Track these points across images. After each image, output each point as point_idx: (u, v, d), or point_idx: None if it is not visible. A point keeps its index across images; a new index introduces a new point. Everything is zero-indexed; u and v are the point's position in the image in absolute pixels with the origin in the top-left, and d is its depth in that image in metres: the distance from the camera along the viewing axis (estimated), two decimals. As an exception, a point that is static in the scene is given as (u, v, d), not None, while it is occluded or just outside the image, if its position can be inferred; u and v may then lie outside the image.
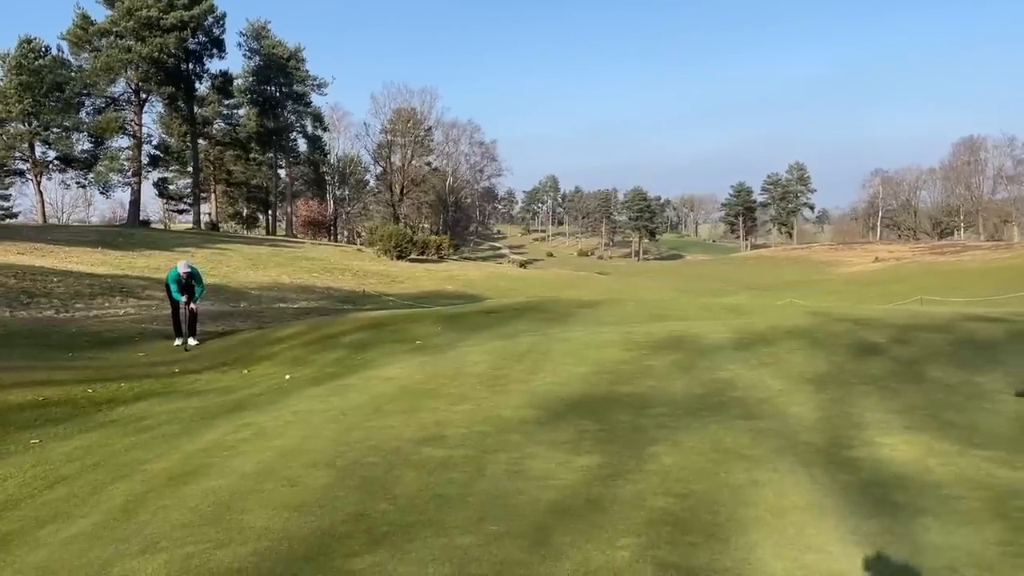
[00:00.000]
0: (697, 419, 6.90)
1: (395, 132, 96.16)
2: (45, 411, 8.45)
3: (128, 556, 4.37)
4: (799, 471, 5.40)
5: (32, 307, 18.37)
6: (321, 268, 42.64)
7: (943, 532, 4.29)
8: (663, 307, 16.98)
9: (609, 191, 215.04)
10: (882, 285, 56.97)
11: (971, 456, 5.60)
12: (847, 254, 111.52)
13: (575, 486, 5.22)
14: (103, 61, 62.48)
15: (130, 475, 6.05)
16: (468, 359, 10.45)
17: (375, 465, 5.86)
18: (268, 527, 4.67)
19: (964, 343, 10.12)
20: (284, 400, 8.77)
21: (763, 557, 4.04)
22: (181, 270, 14.51)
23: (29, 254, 30.13)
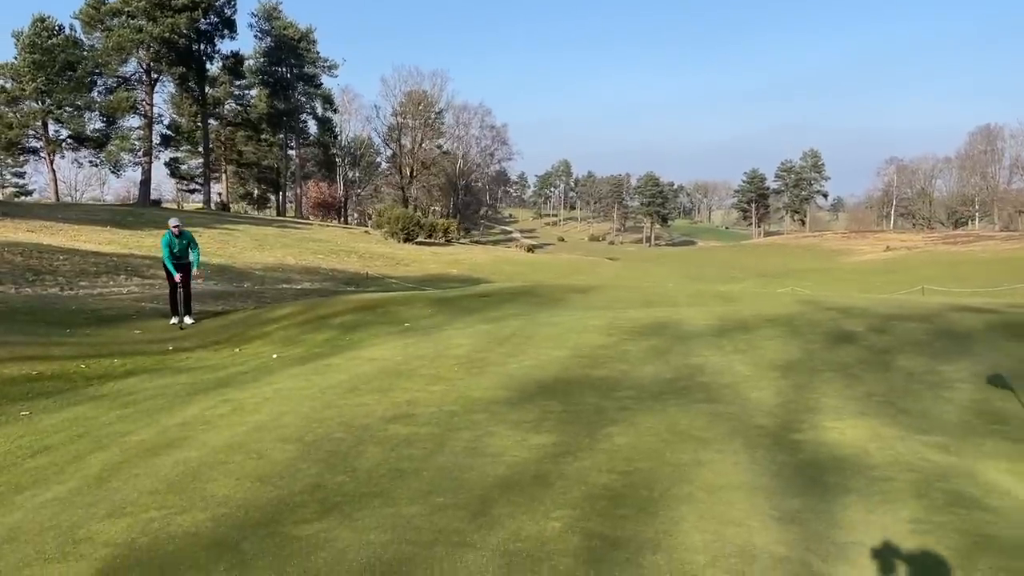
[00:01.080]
0: (659, 402, 7.13)
1: (406, 115, 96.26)
2: (38, 384, 8.77)
3: (95, 519, 4.65)
4: (742, 452, 5.62)
5: (37, 284, 18.74)
6: (327, 250, 42.98)
7: (863, 510, 4.51)
8: (654, 294, 17.16)
9: (622, 176, 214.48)
10: (889, 274, 56.83)
11: (912, 441, 5.81)
12: (859, 242, 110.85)
13: (525, 463, 5.46)
14: (115, 41, 62.85)
15: (109, 446, 6.34)
16: (452, 341, 10.70)
17: (341, 440, 6.13)
18: (229, 496, 4.95)
19: (941, 333, 10.26)
20: (267, 378, 9.05)
21: (685, 530, 4.28)
22: (171, 225, 14.51)
23: (39, 232, 30.56)
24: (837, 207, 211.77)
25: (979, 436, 5.90)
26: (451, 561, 3.95)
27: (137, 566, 3.99)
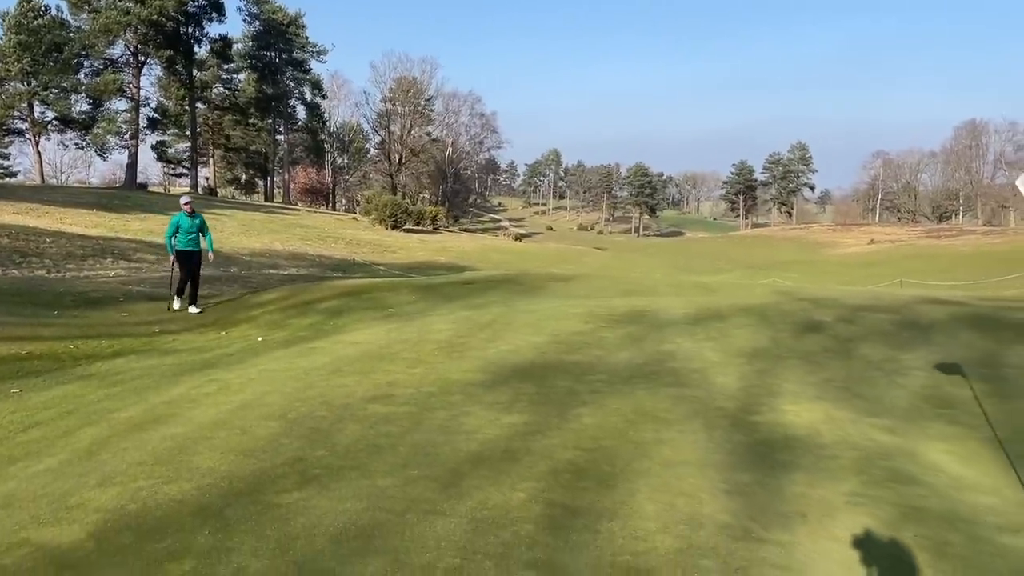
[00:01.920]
0: (629, 385, 7.44)
1: (395, 101, 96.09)
2: (27, 364, 8.99)
3: (86, 488, 4.93)
4: (701, 432, 5.95)
5: (24, 267, 18.88)
6: (315, 236, 43.11)
7: (806, 484, 4.85)
8: (635, 283, 17.48)
9: (611, 166, 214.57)
10: (872, 267, 57.48)
11: (862, 423, 6.15)
12: (844, 235, 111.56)
13: (496, 440, 5.77)
14: (102, 23, 62.42)
15: (98, 422, 6.60)
16: (433, 327, 10.99)
17: (322, 418, 6.42)
18: (214, 468, 5.23)
19: (905, 323, 10.63)
20: (252, 360, 9.32)
21: (640, 500, 4.60)
22: (182, 203, 13.33)
23: (25, 214, 30.58)
24: (824, 200, 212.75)
25: (926, 419, 6.25)
26: (421, 527, 4.26)
27: (127, 529, 4.26)
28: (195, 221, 13.25)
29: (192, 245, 13.27)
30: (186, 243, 13.19)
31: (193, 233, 13.21)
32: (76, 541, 4.13)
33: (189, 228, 13.14)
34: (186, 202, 13.27)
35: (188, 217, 13.11)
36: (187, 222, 13.11)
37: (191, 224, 13.15)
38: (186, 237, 13.18)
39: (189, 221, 13.12)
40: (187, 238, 13.19)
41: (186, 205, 13.17)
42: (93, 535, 4.20)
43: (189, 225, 13.13)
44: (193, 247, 13.30)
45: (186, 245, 13.20)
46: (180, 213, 13.16)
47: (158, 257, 25.07)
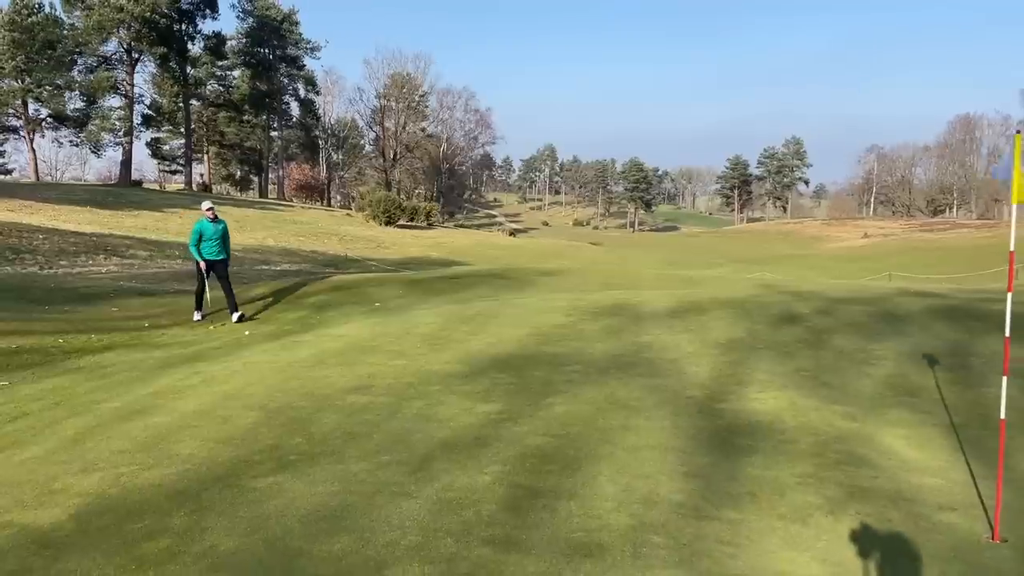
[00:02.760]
0: (604, 375, 7.64)
1: (389, 97, 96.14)
2: (17, 357, 9.17)
3: (70, 474, 5.12)
4: (668, 419, 6.15)
5: (16, 263, 19.02)
6: (308, 232, 43.27)
7: (762, 467, 5.05)
8: (622, 277, 17.69)
9: (606, 161, 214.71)
10: (862, 260, 57.73)
11: (824, 411, 6.35)
12: (838, 229, 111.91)
13: (469, 427, 5.97)
14: (95, 20, 62.37)
15: (85, 413, 6.79)
16: (419, 320, 11.17)
17: (302, 408, 6.61)
18: (193, 454, 5.42)
19: (882, 315, 10.83)
20: (239, 353, 9.50)
21: (601, 482, 4.80)
22: (204, 208, 12.61)
23: (18, 211, 30.69)
24: (820, 194, 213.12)
25: (887, 407, 6.45)
26: (389, 507, 4.45)
27: (107, 512, 4.46)
28: (219, 227, 12.63)
29: (216, 253, 12.64)
30: (209, 251, 12.56)
31: (216, 240, 12.60)
32: (57, 523, 4.32)
33: (213, 235, 12.54)
34: (208, 207, 12.61)
35: (211, 223, 12.51)
36: (211, 229, 12.51)
37: (215, 230, 12.55)
38: (210, 245, 12.56)
39: (212, 227, 12.52)
40: (211, 245, 12.58)
41: (208, 211, 12.51)
42: (74, 517, 4.39)
43: (212, 231, 12.53)
44: (216, 255, 12.65)
45: (212, 254, 12.58)
46: (203, 219, 12.55)
47: (151, 253, 25.24)
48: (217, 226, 12.58)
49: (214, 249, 12.55)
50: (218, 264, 12.62)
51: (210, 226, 12.48)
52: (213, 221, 12.51)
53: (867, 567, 3.72)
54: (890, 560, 3.78)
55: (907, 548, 3.90)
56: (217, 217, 12.60)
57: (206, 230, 12.44)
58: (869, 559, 3.79)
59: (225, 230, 12.76)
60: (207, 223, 12.44)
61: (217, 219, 12.60)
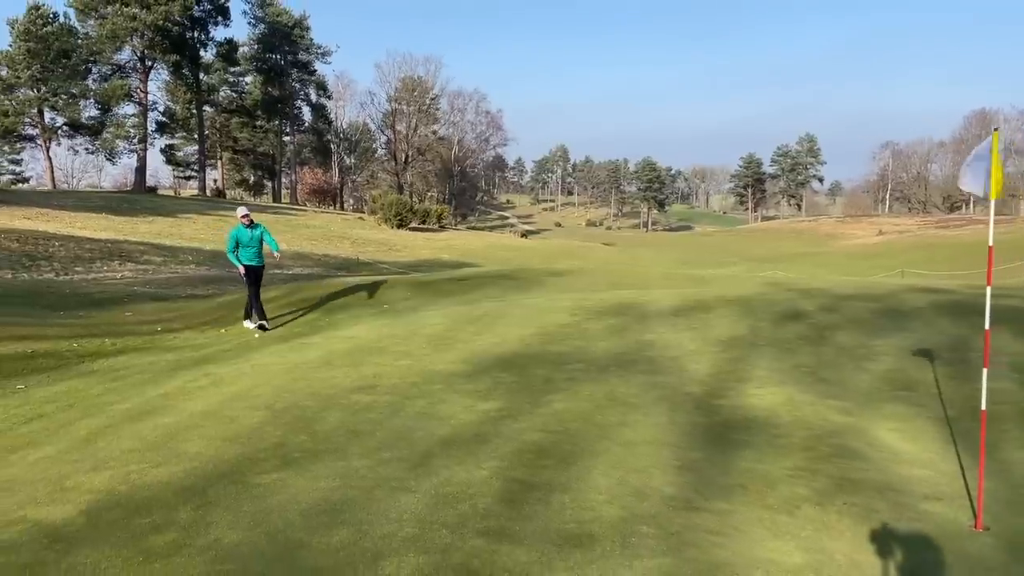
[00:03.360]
0: (605, 373, 7.75)
1: (400, 100, 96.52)
2: (33, 362, 9.37)
3: (81, 472, 5.28)
4: (665, 415, 6.26)
5: (33, 270, 19.32)
6: (320, 236, 43.55)
7: (754, 460, 5.15)
8: (628, 277, 17.77)
9: (619, 161, 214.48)
10: (876, 258, 57.44)
11: (820, 405, 6.44)
12: (853, 227, 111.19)
13: (469, 425, 6.10)
14: (109, 28, 63.04)
15: (97, 414, 6.96)
16: (426, 321, 11.31)
17: (308, 407, 6.76)
18: (200, 452, 5.57)
19: (886, 311, 10.88)
20: (248, 355, 9.67)
21: (594, 476, 4.91)
22: (239, 215, 12.25)
23: (35, 219, 31.11)
24: (835, 191, 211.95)
25: (882, 401, 6.53)
26: (388, 501, 4.59)
27: (116, 507, 4.61)
28: (255, 232, 12.28)
29: (256, 259, 12.35)
30: (249, 257, 12.25)
31: (255, 246, 12.29)
32: (68, 518, 4.48)
33: (249, 241, 12.22)
34: (243, 214, 12.23)
35: (247, 229, 12.19)
36: (247, 235, 12.19)
37: (251, 236, 12.22)
38: (248, 251, 12.25)
39: (249, 233, 12.19)
40: (250, 252, 12.26)
41: (243, 217, 12.15)
42: (84, 512, 4.55)
43: (249, 238, 12.21)
44: (257, 261, 12.36)
45: (250, 259, 12.26)
46: (238, 226, 12.24)
47: (164, 259, 25.53)
48: (253, 232, 12.30)
49: (252, 255, 12.30)
50: (258, 269, 12.39)
51: (246, 232, 12.22)
52: (249, 227, 12.23)
53: (850, 555, 3.81)
54: (873, 548, 3.88)
55: (891, 537, 3.99)
56: (253, 223, 12.34)
57: (242, 236, 12.21)
58: (852, 547, 3.88)
59: (262, 235, 12.46)
60: (243, 229, 12.20)
61: (253, 224, 12.33)
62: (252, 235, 12.23)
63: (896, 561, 3.74)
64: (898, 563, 3.72)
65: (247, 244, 12.22)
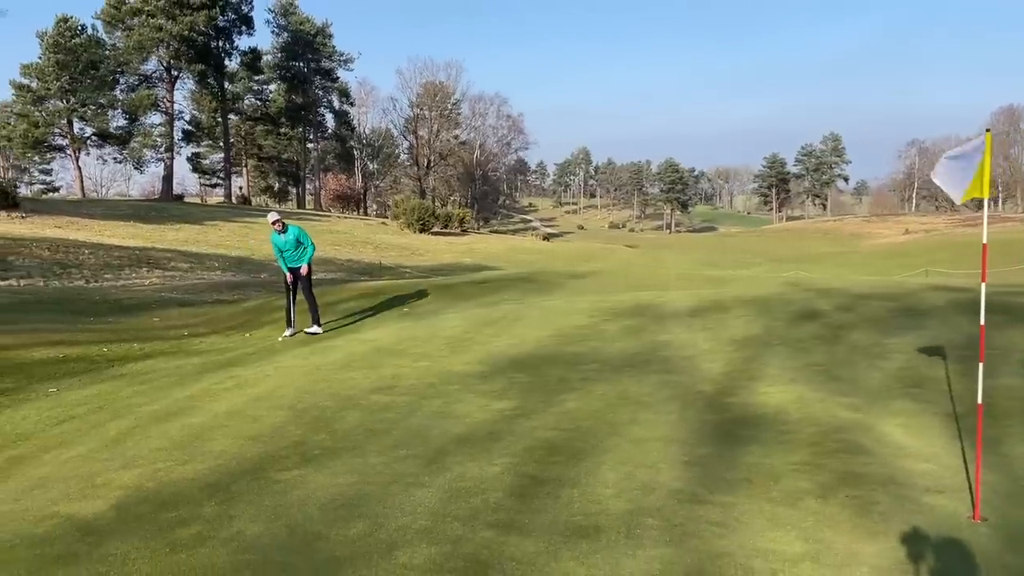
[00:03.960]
0: (618, 373, 7.88)
1: (422, 106, 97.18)
2: (64, 366, 9.68)
3: (111, 470, 5.51)
4: (676, 412, 6.38)
5: (63, 277, 19.79)
6: (344, 241, 44.03)
7: (760, 455, 5.26)
8: (647, 278, 17.87)
9: (641, 163, 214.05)
10: (901, 257, 56.94)
11: (830, 402, 6.52)
12: (878, 226, 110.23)
13: (483, 423, 6.26)
14: (135, 40, 64.25)
15: (126, 415, 7.21)
16: (445, 324, 11.50)
17: (328, 408, 6.96)
18: (224, 451, 5.79)
19: (903, 310, 10.90)
20: (272, 358, 9.91)
21: (603, 471, 5.05)
22: (270, 221, 12.32)
23: (65, 228, 31.77)
24: (861, 190, 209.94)
25: (892, 398, 6.59)
26: (402, 496, 4.76)
27: (144, 502, 4.83)
28: (288, 237, 12.19)
29: (295, 261, 12.27)
30: (288, 260, 12.27)
31: (290, 249, 12.24)
32: (99, 513, 4.70)
33: (284, 245, 12.20)
34: (273, 220, 12.26)
35: (280, 235, 12.17)
36: (280, 240, 12.17)
37: (285, 241, 12.19)
38: (287, 255, 12.24)
39: (283, 239, 12.15)
40: (288, 255, 12.25)
41: (275, 224, 12.16)
42: (114, 507, 4.77)
43: (283, 242, 12.19)
44: (295, 262, 12.28)
45: (288, 262, 12.27)
46: (272, 233, 12.30)
47: (191, 265, 26.01)
48: (287, 236, 12.23)
49: (292, 258, 12.27)
50: (296, 271, 12.25)
51: (279, 238, 12.21)
52: (281, 232, 12.19)
53: (849, 545, 3.92)
54: (871, 538, 3.98)
55: (889, 527, 4.09)
56: (285, 227, 12.24)
57: (277, 242, 12.26)
58: (851, 537, 3.99)
59: (298, 237, 12.29)
60: (276, 235, 12.24)
61: (285, 228, 12.23)
62: (287, 239, 12.19)
63: (893, 550, 3.84)
64: (895, 552, 3.83)
65: (284, 248, 12.25)
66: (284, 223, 12.22)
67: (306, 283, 12.23)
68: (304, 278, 12.18)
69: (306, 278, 12.22)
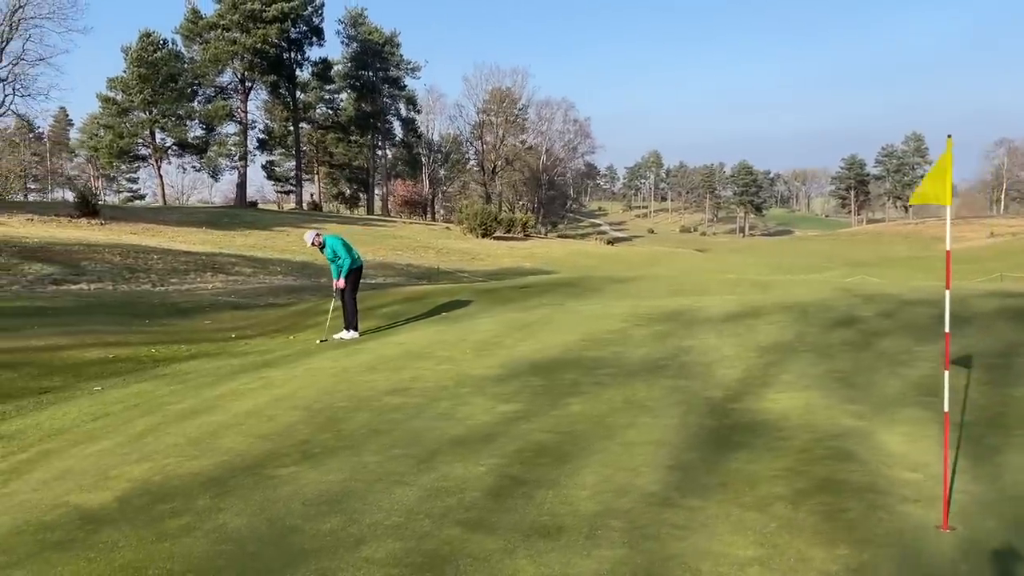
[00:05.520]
0: (632, 378, 7.90)
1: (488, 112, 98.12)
2: (112, 365, 10.23)
3: (126, 464, 5.85)
4: (677, 418, 6.38)
5: (132, 281, 20.79)
6: (406, 246, 44.80)
7: (745, 461, 5.24)
8: (691, 283, 17.69)
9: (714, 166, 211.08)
10: (981, 262, 54.67)
11: (837, 409, 6.42)
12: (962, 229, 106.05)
13: (483, 425, 6.39)
14: (211, 53, 66.92)
15: (155, 412, 7.61)
16: (477, 327, 11.67)
17: (342, 408, 7.20)
18: (232, 448, 6.07)
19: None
20: (305, 360, 10.25)
21: (584, 474, 5.12)
22: (307, 241, 12.63)
23: (141, 234, 33.30)
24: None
25: (902, 406, 6.45)
26: (384, 493, 4.93)
27: (146, 495, 5.12)
28: (326, 253, 12.60)
29: (335, 275, 12.62)
30: (333, 272, 12.67)
31: (330, 264, 12.69)
32: (104, 503, 5.01)
33: (329, 256, 12.63)
34: (310, 241, 12.53)
35: (321, 249, 12.62)
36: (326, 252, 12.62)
37: (329, 257, 12.64)
38: (332, 269, 12.65)
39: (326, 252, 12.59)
40: (332, 269, 12.65)
41: (313, 243, 12.51)
42: (118, 499, 5.08)
43: (330, 259, 12.64)
44: (335, 276, 12.63)
45: (334, 274, 12.66)
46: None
47: (254, 270, 26.93)
48: (326, 251, 12.61)
49: (334, 269, 12.58)
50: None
51: (326, 250, 12.59)
52: (321, 249, 12.56)
53: (803, 550, 3.90)
54: (828, 545, 3.95)
55: (851, 534, 4.05)
56: (322, 245, 12.54)
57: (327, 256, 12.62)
58: (808, 543, 3.97)
59: (333, 252, 12.51)
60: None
61: (322, 246, 12.54)
62: (328, 255, 12.58)
63: (846, 556, 3.81)
64: (847, 558, 3.79)
65: (329, 262, 12.60)
66: (323, 239, 12.45)
67: (348, 291, 12.50)
68: (340, 293, 12.49)
69: (342, 293, 12.48)
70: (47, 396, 8.77)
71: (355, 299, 12.58)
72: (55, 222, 32.32)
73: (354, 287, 12.54)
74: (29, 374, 9.58)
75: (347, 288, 12.48)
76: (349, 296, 12.43)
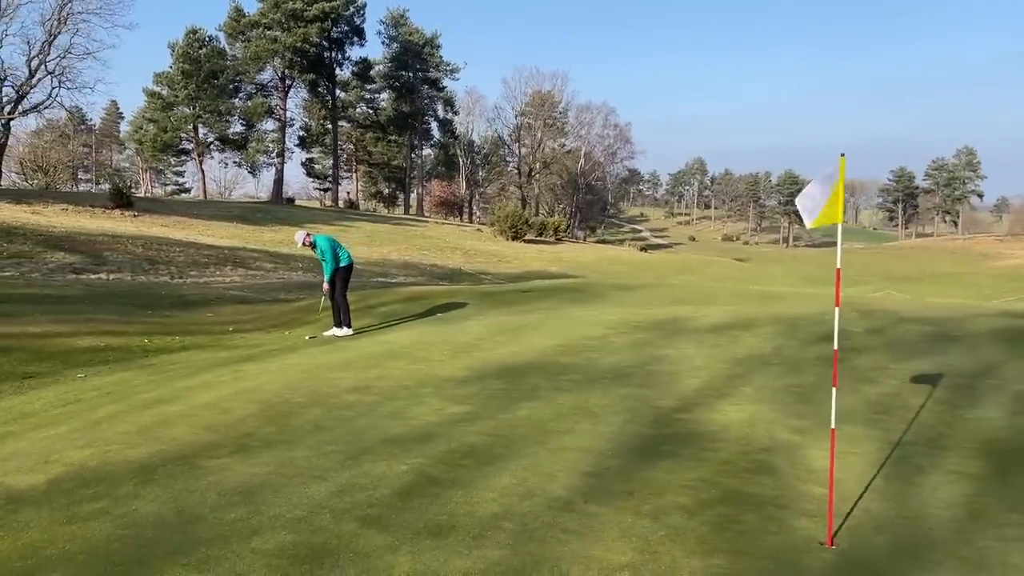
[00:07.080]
0: (592, 384, 7.91)
1: (527, 115, 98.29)
2: (101, 354, 10.51)
3: (71, 449, 6.03)
4: (618, 425, 6.39)
5: (151, 273, 21.27)
6: (433, 247, 45.07)
7: (664, 470, 5.24)
8: (696, 292, 17.57)
9: (759, 174, 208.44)
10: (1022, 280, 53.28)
11: (778, 424, 6.38)
12: (1013, 246, 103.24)
13: (425, 426, 6.46)
14: (252, 50, 68.09)
15: (123, 401, 7.81)
16: (465, 330, 11.75)
17: (298, 404, 7.32)
18: (176, 438, 6.22)
19: (936, 335, 10.46)
20: (285, 355, 10.42)
21: (500, 476, 5.16)
22: (297, 242, 12.71)
23: (171, 227, 34.04)
24: (1001, 207, 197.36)
25: (846, 423, 6.34)
26: (298, 488, 5.02)
27: (75, 479, 5.28)
28: (316, 252, 12.65)
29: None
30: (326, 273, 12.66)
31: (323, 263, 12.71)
32: (34, 485, 5.19)
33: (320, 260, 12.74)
34: (300, 242, 12.65)
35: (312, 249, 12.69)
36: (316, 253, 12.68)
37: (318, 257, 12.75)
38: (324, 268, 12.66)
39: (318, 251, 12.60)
40: (324, 268, 12.66)
41: (303, 244, 12.62)
42: (49, 481, 5.25)
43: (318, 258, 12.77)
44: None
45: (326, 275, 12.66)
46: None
47: (275, 265, 27.35)
48: (316, 252, 12.68)
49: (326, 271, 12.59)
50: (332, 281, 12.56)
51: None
52: (312, 249, 12.63)
53: (679, 559, 3.91)
54: (706, 555, 3.95)
55: (733, 545, 4.05)
56: (313, 245, 12.55)
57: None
58: (686, 552, 3.97)
59: (321, 254, 12.54)
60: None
61: (313, 246, 12.56)
62: (319, 256, 12.64)
63: (718, 566, 3.81)
64: (720, 568, 3.79)
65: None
66: (313, 239, 12.51)
67: (338, 289, 12.58)
68: (331, 289, 12.52)
69: (332, 290, 12.54)
70: (30, 381, 9.05)
71: (346, 296, 12.74)
72: (88, 212, 33.23)
73: (344, 285, 12.68)
74: (18, 359, 9.89)
75: (337, 286, 12.57)
76: (340, 294, 12.58)
